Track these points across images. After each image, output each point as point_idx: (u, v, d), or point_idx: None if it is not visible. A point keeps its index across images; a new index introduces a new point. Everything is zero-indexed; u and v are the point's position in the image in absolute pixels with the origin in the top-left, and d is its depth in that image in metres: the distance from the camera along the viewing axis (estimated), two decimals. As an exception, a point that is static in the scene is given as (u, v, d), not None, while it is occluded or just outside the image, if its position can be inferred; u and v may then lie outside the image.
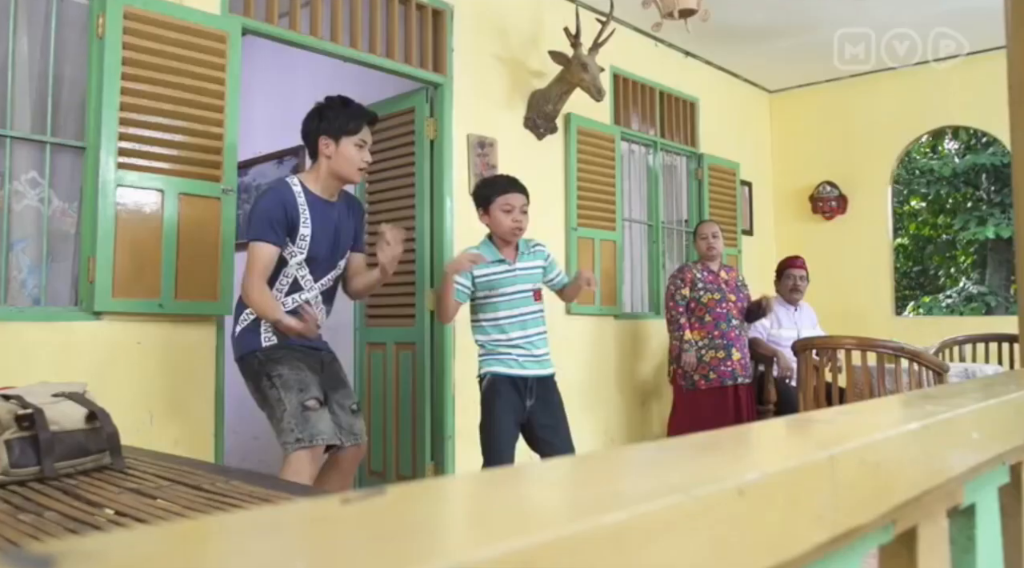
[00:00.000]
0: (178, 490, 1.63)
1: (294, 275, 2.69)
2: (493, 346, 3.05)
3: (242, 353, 2.68)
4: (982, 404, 0.72)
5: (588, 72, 4.25)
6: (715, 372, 4.44)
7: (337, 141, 2.72)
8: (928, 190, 12.02)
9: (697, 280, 4.53)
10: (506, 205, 3.03)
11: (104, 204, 2.84)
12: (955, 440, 0.67)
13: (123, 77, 2.90)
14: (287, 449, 2.50)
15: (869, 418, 0.64)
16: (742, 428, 0.55)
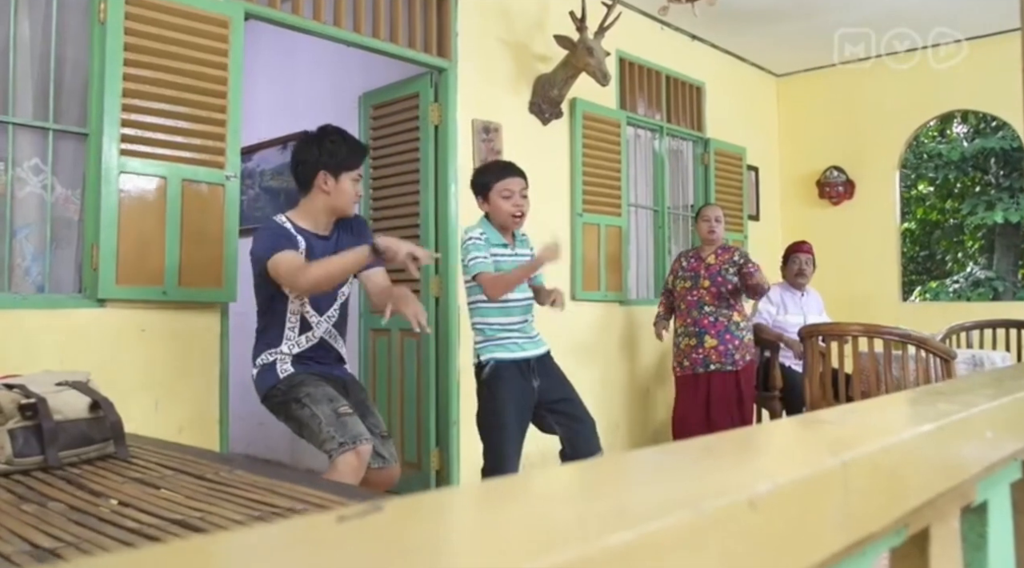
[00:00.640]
0: (181, 480, 1.63)
1: (300, 312, 2.63)
2: (494, 331, 2.99)
3: (264, 392, 2.63)
4: (996, 402, 0.71)
5: (594, 56, 4.21)
6: (688, 359, 4.46)
7: (336, 176, 2.62)
8: (936, 174, 11.94)
9: (680, 269, 4.57)
10: (505, 190, 2.98)
11: (107, 191, 2.82)
12: (969, 440, 0.65)
13: (125, 63, 2.87)
14: (333, 456, 2.40)
15: (879, 419, 0.62)
16: (748, 431, 0.54)
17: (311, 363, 2.65)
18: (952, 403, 0.74)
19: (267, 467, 1.81)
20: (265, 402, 2.66)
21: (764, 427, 0.57)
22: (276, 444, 4.99)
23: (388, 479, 2.66)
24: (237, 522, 1.30)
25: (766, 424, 0.58)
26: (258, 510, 1.38)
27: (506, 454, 2.91)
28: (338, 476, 2.38)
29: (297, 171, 2.69)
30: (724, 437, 0.51)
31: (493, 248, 2.98)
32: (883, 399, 0.72)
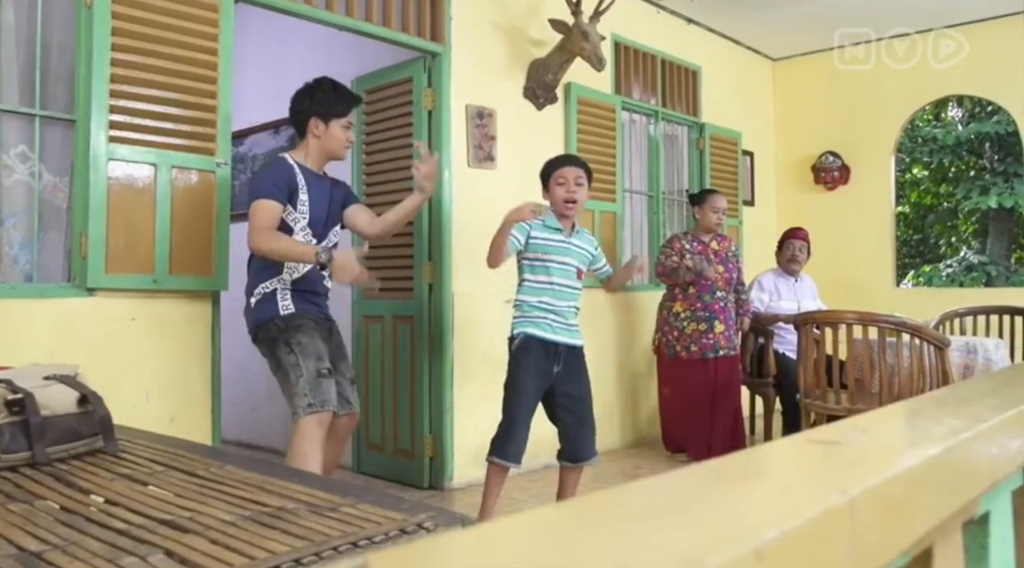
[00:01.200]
0: (171, 476, 1.61)
1: (302, 241, 2.77)
2: (530, 308, 3.12)
3: (259, 322, 2.76)
4: (1001, 416, 0.69)
5: (589, 41, 4.16)
6: (696, 344, 4.44)
7: (327, 122, 2.86)
8: (931, 158, 11.92)
9: (685, 251, 4.50)
10: (560, 178, 3.17)
11: (95, 178, 2.78)
12: (977, 458, 0.63)
13: (113, 48, 2.82)
14: (299, 414, 2.61)
15: (886, 440, 0.60)
16: (743, 459, 0.52)
17: (307, 298, 2.80)
18: (958, 418, 0.73)
19: (258, 463, 1.79)
20: (255, 330, 2.80)
21: (766, 452, 0.55)
22: (269, 430, 4.97)
23: (352, 424, 2.93)
24: (227, 522, 1.28)
25: (768, 447, 0.56)
26: (248, 509, 1.36)
27: (515, 419, 3.07)
28: (303, 437, 2.61)
29: (294, 119, 2.94)
30: (724, 468, 0.49)
31: (546, 232, 3.14)
32: (888, 412, 0.71)
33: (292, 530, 1.25)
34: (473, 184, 4.10)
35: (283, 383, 2.70)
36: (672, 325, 4.52)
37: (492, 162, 4.20)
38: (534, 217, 3.05)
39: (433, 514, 1.33)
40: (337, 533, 1.24)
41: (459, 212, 4.03)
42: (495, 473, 3.07)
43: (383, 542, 1.23)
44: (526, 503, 3.69)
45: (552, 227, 3.17)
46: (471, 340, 4.04)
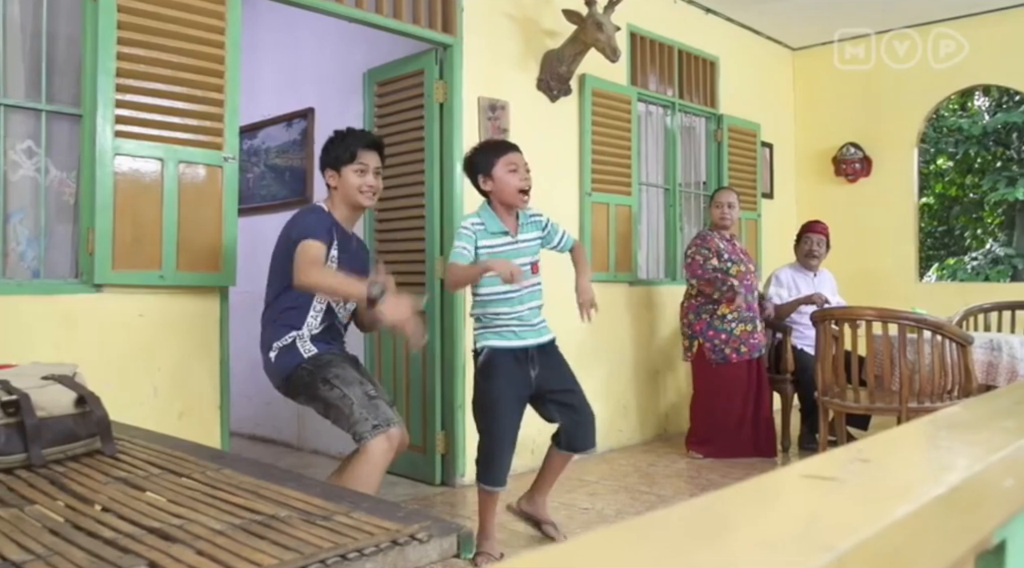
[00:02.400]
0: (167, 480, 1.58)
1: (327, 301, 2.70)
2: (490, 319, 2.93)
3: (287, 372, 2.64)
4: (1016, 445, 0.63)
5: (603, 31, 4.09)
6: (746, 345, 4.38)
7: (339, 171, 2.76)
8: (956, 149, 11.70)
9: (722, 250, 4.42)
10: (511, 165, 2.87)
11: (102, 173, 2.77)
12: (991, 492, 0.58)
13: (119, 41, 2.80)
14: (366, 437, 2.42)
15: (887, 472, 0.55)
16: (722, 503, 0.47)
17: (327, 340, 2.70)
18: (971, 444, 0.67)
19: (255, 466, 1.76)
20: (285, 383, 2.67)
21: (750, 493, 0.50)
22: (283, 425, 4.97)
23: (405, 441, 2.69)
24: (216, 531, 1.25)
25: (753, 484, 0.51)
26: (240, 517, 1.33)
27: (499, 440, 2.89)
28: (370, 460, 2.43)
29: (323, 174, 2.85)
30: (699, 516, 0.45)
31: (491, 238, 2.89)
32: (895, 438, 0.65)
33: (281, 540, 1.21)
34: (485, 177, 4.04)
35: (338, 420, 2.55)
36: (719, 328, 4.39)
37: (508, 155, 4.15)
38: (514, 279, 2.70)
39: (427, 524, 1.28)
40: (328, 544, 1.20)
41: (471, 206, 3.97)
42: (484, 498, 2.95)
43: (373, 554, 1.19)
44: (537, 501, 3.65)
45: (495, 231, 2.89)
46: (483, 335, 3.99)
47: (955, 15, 5.65)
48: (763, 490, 0.52)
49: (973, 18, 5.64)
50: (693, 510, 0.48)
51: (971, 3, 5.51)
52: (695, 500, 0.49)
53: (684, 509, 0.48)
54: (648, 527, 0.43)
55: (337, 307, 2.73)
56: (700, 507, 0.48)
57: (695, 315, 4.47)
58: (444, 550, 1.28)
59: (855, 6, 5.55)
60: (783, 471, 0.55)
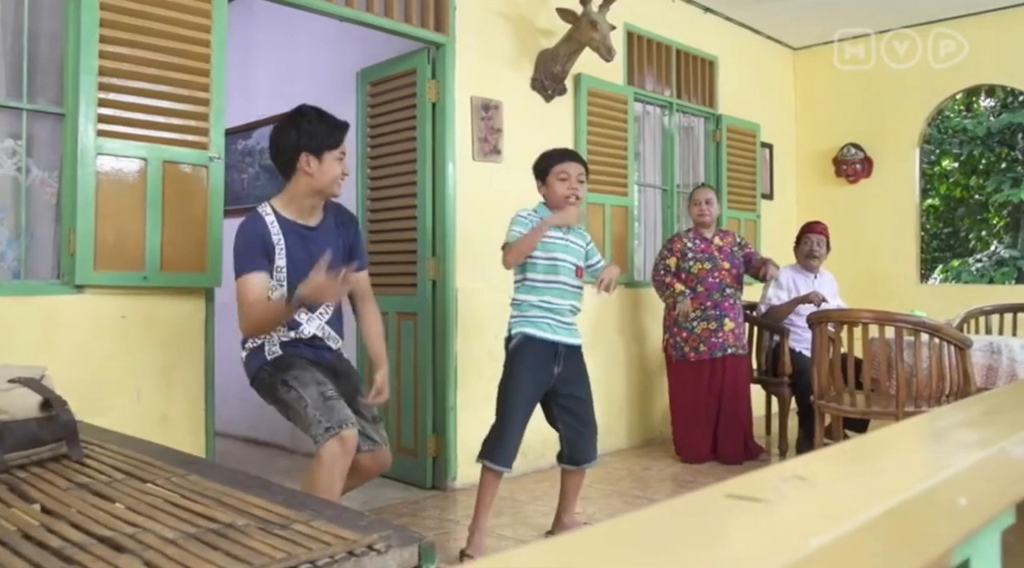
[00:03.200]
0: (129, 486, 1.54)
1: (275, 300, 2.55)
2: (529, 307, 3.00)
3: (253, 374, 2.60)
4: (980, 455, 0.59)
5: (598, 31, 4.05)
6: (705, 344, 4.35)
7: (319, 156, 2.51)
8: (960, 150, 11.61)
9: (687, 249, 4.41)
10: (562, 173, 3.03)
11: (84, 173, 2.73)
12: (943, 511, 0.53)
13: (101, 39, 2.77)
14: (319, 441, 2.37)
15: (824, 492, 0.51)
16: (632, 526, 0.43)
17: (299, 344, 2.59)
18: (926, 458, 0.63)
19: (224, 472, 1.72)
20: (253, 384, 2.64)
21: (665, 515, 0.45)
22: (277, 426, 4.91)
23: (380, 462, 2.65)
24: (168, 541, 1.21)
25: (670, 506, 0.47)
26: (196, 526, 1.29)
27: (510, 422, 2.95)
28: (323, 464, 2.37)
29: (277, 158, 2.60)
30: (609, 537, 0.40)
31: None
32: (840, 453, 0.61)
33: (233, 551, 1.17)
34: (478, 178, 4.01)
35: (297, 422, 2.49)
36: (681, 326, 4.41)
37: (498, 155, 4.11)
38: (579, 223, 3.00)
39: (387, 534, 1.24)
40: (281, 555, 1.16)
41: (463, 207, 3.95)
42: (487, 478, 2.96)
43: (327, 565, 1.15)
44: (528, 504, 3.61)
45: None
46: (475, 337, 3.95)
47: (955, 15, 5.59)
48: (683, 512, 0.48)
49: (974, 17, 5.57)
50: (603, 532, 0.44)
51: (972, 3, 5.44)
52: (610, 522, 0.45)
53: (595, 531, 0.44)
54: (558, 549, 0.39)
55: (299, 316, 2.55)
56: (610, 530, 0.44)
57: (666, 310, 4.54)
58: (404, 561, 1.24)
59: (856, 6, 5.49)
60: (709, 490, 0.50)
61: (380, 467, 2.66)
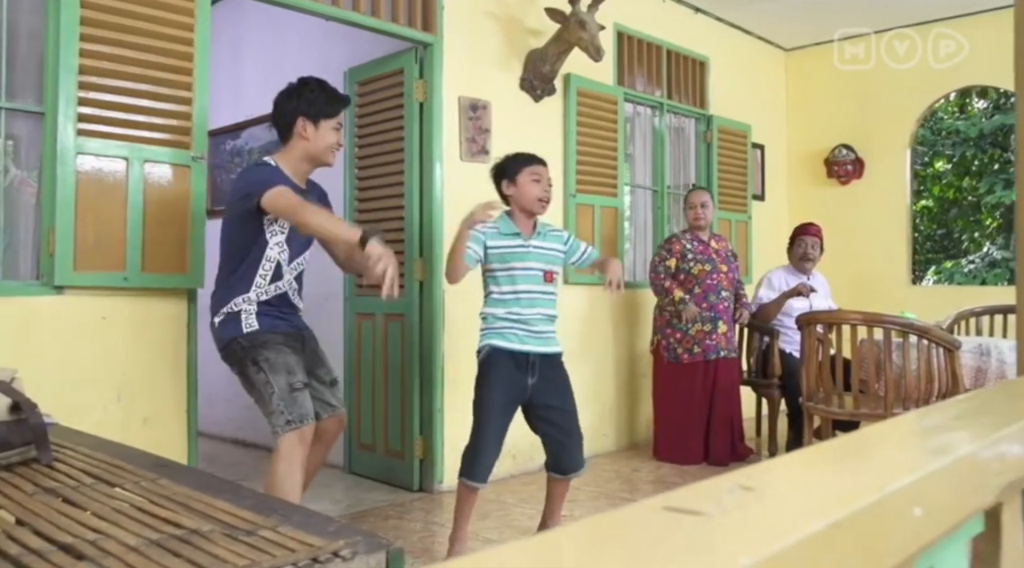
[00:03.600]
0: (98, 490, 1.51)
1: (276, 258, 2.63)
2: (495, 319, 2.93)
3: (224, 342, 2.64)
4: (932, 467, 0.56)
5: (587, 31, 4.03)
6: (699, 346, 4.34)
7: (316, 123, 2.63)
8: (953, 152, 11.61)
9: (687, 251, 4.40)
10: (535, 175, 2.98)
11: (63, 173, 2.70)
12: (889, 526, 0.51)
13: (82, 38, 2.74)
14: (278, 432, 2.49)
15: (768, 505, 0.48)
16: (550, 544, 0.41)
17: (274, 314, 2.64)
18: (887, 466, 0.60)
19: (196, 475, 1.69)
20: (222, 351, 2.67)
21: (591, 531, 0.43)
22: (263, 428, 4.86)
23: (339, 425, 2.78)
24: (129, 548, 1.18)
25: (600, 521, 0.45)
26: (160, 532, 1.26)
27: (484, 439, 2.89)
28: (283, 457, 2.49)
29: (278, 121, 2.69)
30: (534, 553, 0.38)
31: (502, 239, 2.93)
32: (794, 461, 0.58)
33: (195, 557, 1.15)
34: (466, 178, 3.98)
35: (258, 402, 2.60)
36: (675, 327, 4.39)
37: (486, 156, 4.08)
38: (489, 216, 2.85)
39: (355, 540, 1.22)
40: (244, 562, 1.13)
41: (451, 207, 3.92)
42: (463, 492, 2.92)
43: (289, 573, 1.13)
44: (515, 507, 3.59)
45: (508, 232, 2.95)
46: (462, 339, 3.92)
47: (953, 15, 5.57)
48: (615, 526, 0.45)
49: (971, 17, 5.56)
50: (524, 548, 0.41)
51: (967, 3, 5.43)
52: (536, 537, 0.43)
53: (516, 547, 0.41)
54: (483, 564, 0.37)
55: (285, 265, 2.64)
56: (533, 546, 0.42)
57: (659, 311, 4.51)
58: (371, 567, 1.21)
59: (847, 7, 5.48)
60: (646, 503, 0.48)
61: (339, 428, 2.81)
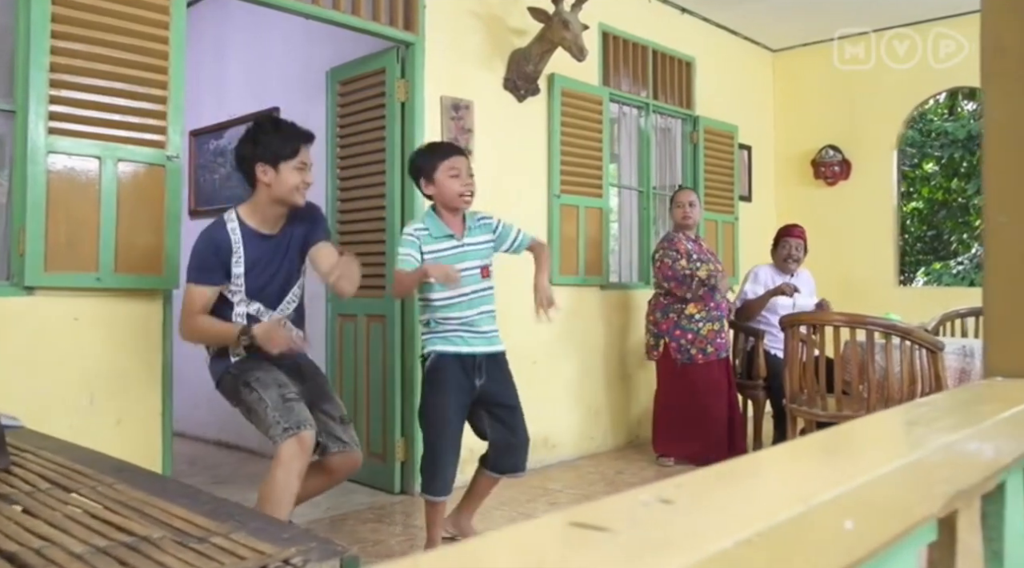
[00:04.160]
0: (53, 496, 1.48)
1: (246, 312, 2.62)
2: (437, 324, 2.85)
3: (218, 376, 2.65)
4: (870, 476, 0.54)
5: (569, 30, 4.01)
6: (712, 345, 4.32)
7: (276, 167, 2.56)
8: (942, 153, 11.63)
9: (691, 251, 4.36)
10: (452, 170, 2.83)
11: (34, 172, 2.66)
12: (816, 540, 0.48)
13: (53, 35, 2.70)
14: (277, 441, 2.42)
15: (677, 521, 0.45)
16: (461, 559, 0.38)
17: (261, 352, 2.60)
18: (811, 477, 0.58)
19: (154, 480, 1.66)
20: (218, 387, 2.68)
21: (490, 548, 0.40)
22: (246, 430, 4.81)
23: (350, 464, 2.67)
24: (75, 556, 1.15)
25: (499, 537, 0.42)
26: (109, 539, 1.23)
27: (442, 448, 2.82)
28: (281, 464, 2.40)
29: (240, 168, 2.67)
30: None
31: (435, 243, 2.84)
32: (722, 473, 0.56)
33: (141, 565, 1.12)
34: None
35: (258, 424, 2.54)
36: (686, 328, 4.32)
37: (469, 156, 4.05)
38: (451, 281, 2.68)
39: (307, 548, 1.19)
40: (190, 570, 1.11)
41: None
42: (429, 508, 2.87)
43: (236, 582, 1.10)
44: (495, 510, 3.55)
45: (440, 234, 2.84)
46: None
47: (950, 14, 5.55)
48: (513, 544, 0.43)
49: (966, 17, 5.54)
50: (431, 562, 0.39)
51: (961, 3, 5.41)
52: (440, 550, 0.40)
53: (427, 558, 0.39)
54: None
55: (260, 314, 2.63)
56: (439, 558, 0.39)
57: (662, 314, 4.41)
58: (323, 576, 1.19)
59: (836, 8, 5.46)
60: (551, 517, 0.46)
61: (351, 468, 2.69)
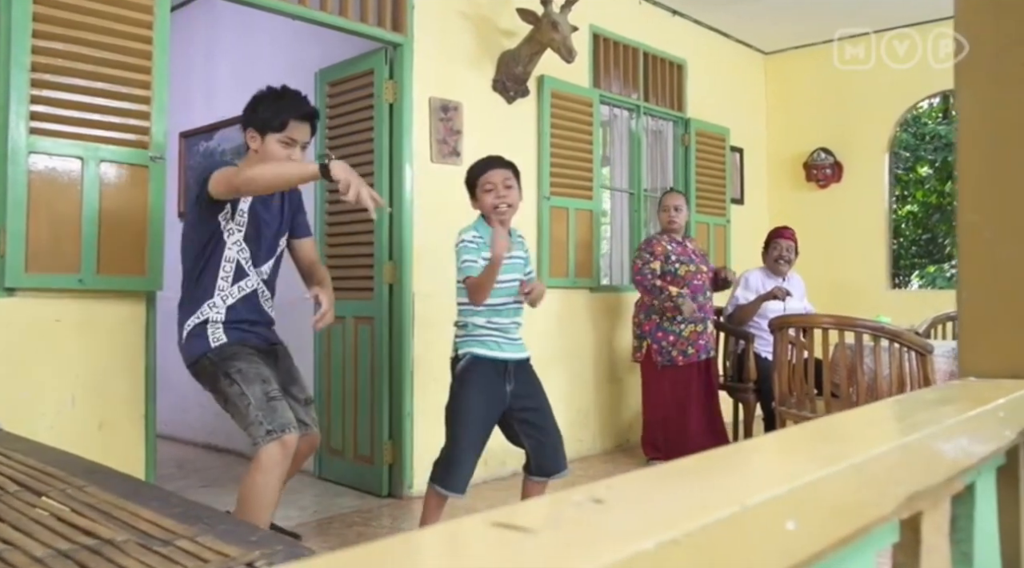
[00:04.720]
0: (21, 498, 1.46)
1: (236, 258, 2.59)
2: (475, 327, 2.86)
3: (193, 358, 2.59)
4: (807, 478, 0.52)
5: (559, 31, 3.99)
6: (693, 347, 4.31)
7: (262, 136, 2.57)
8: (935, 157, 11.65)
9: (669, 253, 4.36)
10: (487, 184, 2.88)
11: (14, 172, 2.64)
12: (753, 541, 0.47)
13: (34, 34, 2.68)
14: (259, 443, 2.38)
15: (604, 521, 0.44)
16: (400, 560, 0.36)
17: (243, 327, 2.60)
18: (756, 475, 0.56)
19: (127, 482, 1.64)
20: (190, 368, 2.62)
21: (408, 548, 0.39)
22: (235, 433, 4.79)
23: (308, 447, 2.69)
24: (35, 559, 1.13)
25: (428, 534, 0.40)
26: (73, 543, 1.21)
27: (463, 449, 2.82)
28: (262, 468, 2.37)
29: (243, 131, 2.68)
30: None
31: (488, 252, 2.83)
32: (657, 475, 0.54)
33: (101, 570, 1.10)
34: (436, 180, 3.94)
35: (235, 416, 2.50)
36: (668, 330, 4.32)
37: (457, 157, 4.04)
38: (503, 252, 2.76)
39: (273, 551, 1.17)
40: (151, 574, 1.09)
41: (421, 209, 3.88)
42: (435, 501, 2.85)
43: (198, 586, 1.08)
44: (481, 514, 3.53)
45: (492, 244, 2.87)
46: (432, 342, 3.87)
47: (927, 19, 5.57)
48: (430, 545, 0.41)
49: (947, 20, 5.56)
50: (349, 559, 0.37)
51: (944, 8, 5.43)
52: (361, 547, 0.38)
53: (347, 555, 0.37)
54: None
55: (247, 266, 2.60)
56: (330, 563, 0.37)
57: (645, 315, 4.41)
58: (288, 580, 1.17)
59: (830, 10, 5.46)
60: (475, 518, 0.44)
61: (312, 449, 2.74)
